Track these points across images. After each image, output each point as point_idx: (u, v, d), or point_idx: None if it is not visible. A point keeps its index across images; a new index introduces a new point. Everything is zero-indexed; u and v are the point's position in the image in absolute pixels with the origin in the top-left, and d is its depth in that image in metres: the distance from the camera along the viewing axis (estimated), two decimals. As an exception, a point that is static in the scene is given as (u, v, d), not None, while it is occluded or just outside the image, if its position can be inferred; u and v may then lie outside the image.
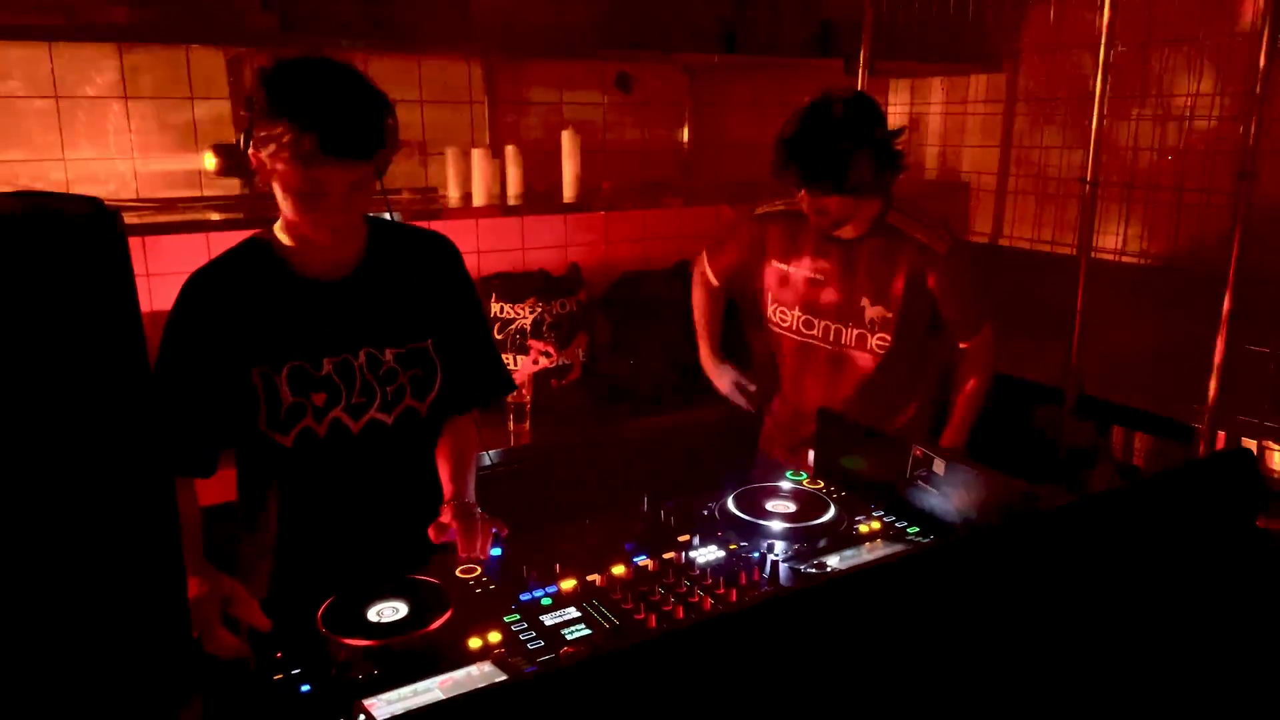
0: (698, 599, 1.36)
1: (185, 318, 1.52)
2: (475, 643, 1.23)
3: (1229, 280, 2.39)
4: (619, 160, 3.25)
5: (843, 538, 1.55)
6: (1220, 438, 2.46)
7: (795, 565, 1.44)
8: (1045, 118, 3.35)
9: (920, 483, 1.63)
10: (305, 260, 1.57)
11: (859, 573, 1.34)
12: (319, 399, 1.55)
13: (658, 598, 1.35)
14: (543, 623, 1.29)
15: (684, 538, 1.53)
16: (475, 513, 1.54)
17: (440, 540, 1.49)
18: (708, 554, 1.49)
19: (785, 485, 1.73)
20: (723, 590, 1.38)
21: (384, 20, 2.50)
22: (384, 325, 1.61)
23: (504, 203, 2.79)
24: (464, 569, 1.44)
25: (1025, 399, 3.01)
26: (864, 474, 1.76)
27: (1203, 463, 1.63)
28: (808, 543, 1.53)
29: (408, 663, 1.19)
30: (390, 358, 1.61)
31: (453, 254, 1.73)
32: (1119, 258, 3.06)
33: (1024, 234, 3.48)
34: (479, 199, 2.71)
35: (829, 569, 1.43)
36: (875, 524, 1.60)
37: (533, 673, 1.15)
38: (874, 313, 2.18)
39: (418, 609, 1.30)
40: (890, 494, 1.68)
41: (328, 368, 1.56)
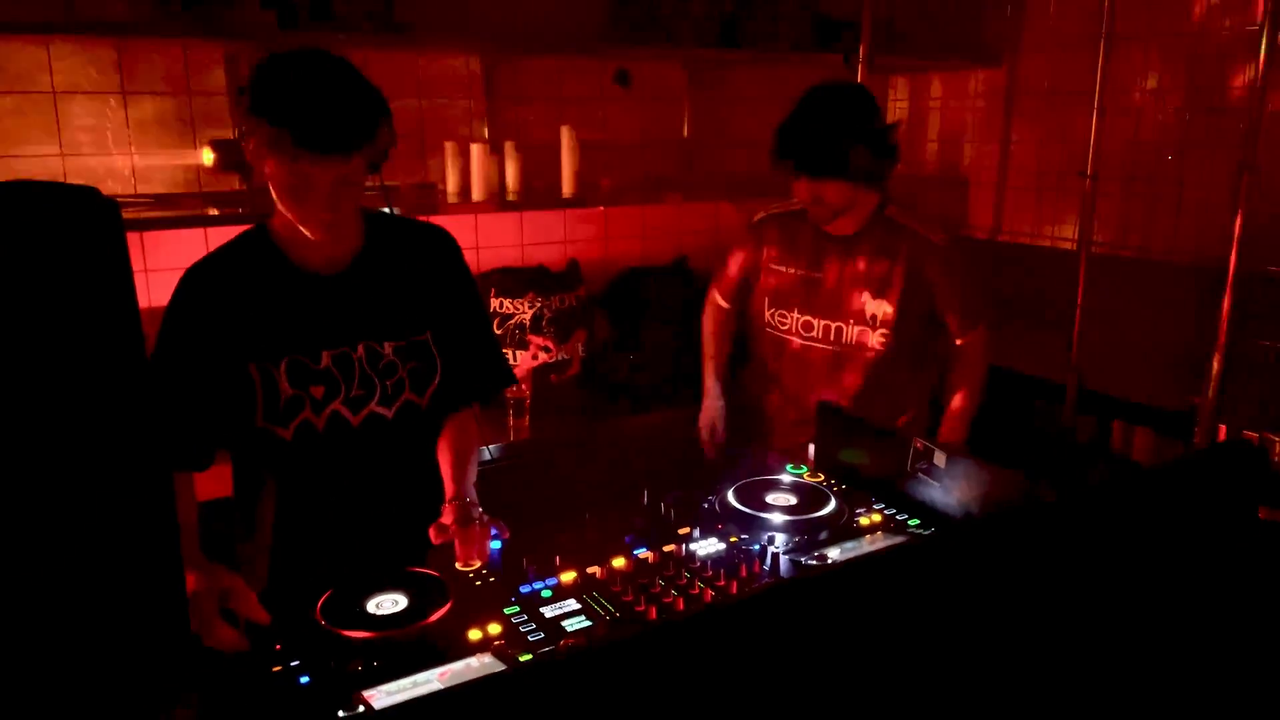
0: (698, 591, 1.35)
1: (183, 309, 1.52)
2: (475, 635, 1.23)
3: (1229, 274, 2.38)
4: (618, 156, 3.24)
5: (843, 530, 1.54)
6: (1221, 430, 2.46)
7: (796, 558, 1.44)
8: (1045, 112, 3.34)
9: (921, 475, 1.63)
10: (303, 253, 1.57)
11: (857, 563, 1.34)
12: (317, 392, 1.55)
13: (658, 590, 1.35)
14: (543, 615, 1.29)
15: (684, 530, 1.53)
16: (475, 515, 1.53)
17: (440, 542, 1.49)
18: (708, 546, 1.49)
19: (785, 478, 1.73)
20: (723, 582, 1.37)
21: (383, 16, 2.49)
22: (383, 318, 1.61)
23: (503, 198, 2.79)
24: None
25: (1026, 393, 3.01)
26: (864, 467, 1.75)
27: (1204, 454, 1.63)
28: (808, 535, 1.52)
29: (407, 655, 1.18)
30: (389, 351, 1.61)
31: (451, 247, 1.73)
32: (1118, 251, 3.06)
33: (1023, 228, 3.47)
34: (478, 194, 2.71)
35: (829, 561, 1.43)
36: (876, 516, 1.59)
37: (531, 663, 1.15)
38: (874, 308, 2.18)
39: (417, 601, 1.30)
40: (891, 487, 1.67)
41: (326, 360, 1.56)
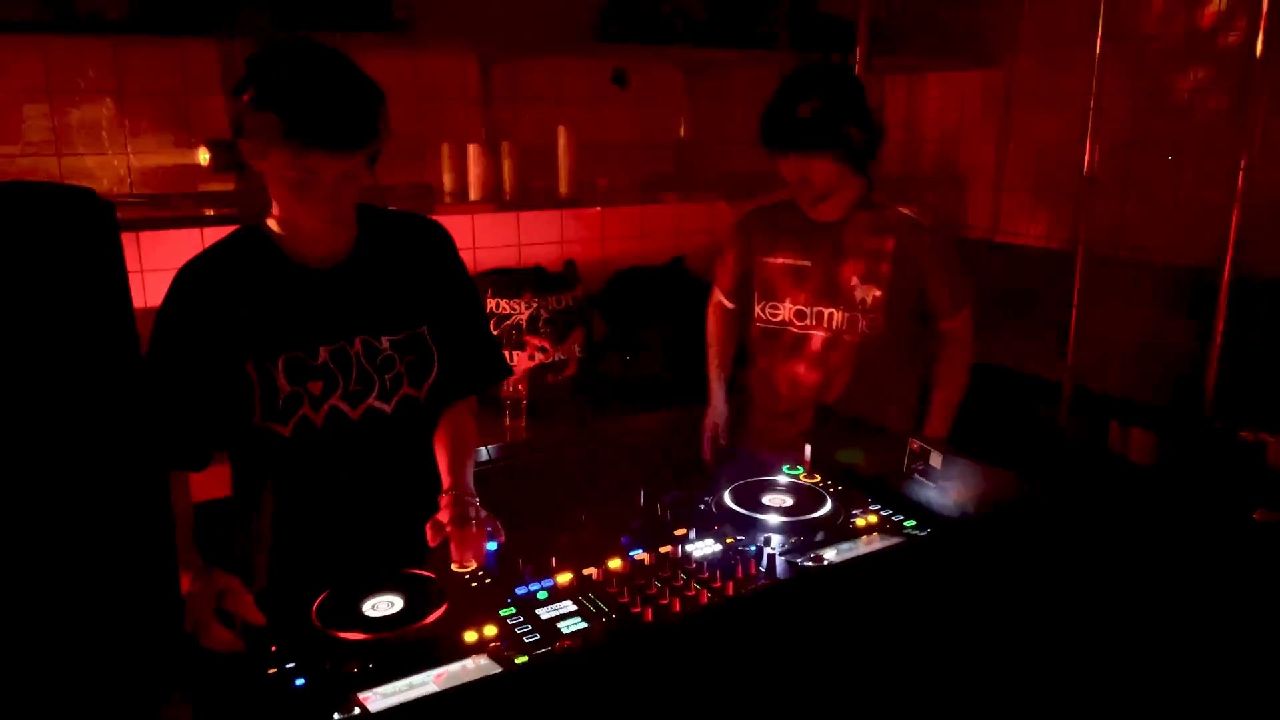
0: (694, 593, 1.35)
1: (178, 308, 1.51)
2: (471, 636, 1.23)
3: (1225, 274, 2.39)
4: (615, 156, 3.24)
5: (839, 531, 1.54)
6: (1217, 431, 2.46)
7: (792, 559, 1.44)
8: (1042, 113, 3.34)
9: (917, 476, 1.63)
10: (298, 249, 1.56)
11: (853, 564, 1.34)
12: (315, 388, 1.55)
13: (654, 591, 1.35)
14: (539, 616, 1.29)
15: (680, 531, 1.53)
16: (472, 512, 1.52)
17: (436, 543, 1.48)
18: (704, 548, 1.49)
19: (782, 479, 1.73)
20: (719, 584, 1.37)
21: (379, 14, 2.49)
22: (379, 312, 1.61)
23: (500, 198, 2.78)
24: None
25: (1022, 393, 3.01)
26: (860, 468, 1.75)
27: (1199, 455, 1.63)
28: (804, 536, 1.52)
29: (403, 656, 1.18)
30: (387, 345, 1.60)
31: (445, 239, 1.73)
32: (1116, 251, 3.06)
33: (1021, 229, 3.47)
34: (475, 194, 2.71)
35: (826, 563, 1.43)
36: (872, 517, 1.59)
37: (527, 665, 1.15)
38: (864, 292, 2.19)
39: (413, 603, 1.30)
40: (887, 488, 1.67)
41: (324, 356, 1.56)
